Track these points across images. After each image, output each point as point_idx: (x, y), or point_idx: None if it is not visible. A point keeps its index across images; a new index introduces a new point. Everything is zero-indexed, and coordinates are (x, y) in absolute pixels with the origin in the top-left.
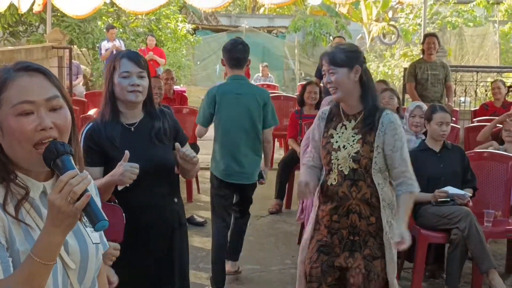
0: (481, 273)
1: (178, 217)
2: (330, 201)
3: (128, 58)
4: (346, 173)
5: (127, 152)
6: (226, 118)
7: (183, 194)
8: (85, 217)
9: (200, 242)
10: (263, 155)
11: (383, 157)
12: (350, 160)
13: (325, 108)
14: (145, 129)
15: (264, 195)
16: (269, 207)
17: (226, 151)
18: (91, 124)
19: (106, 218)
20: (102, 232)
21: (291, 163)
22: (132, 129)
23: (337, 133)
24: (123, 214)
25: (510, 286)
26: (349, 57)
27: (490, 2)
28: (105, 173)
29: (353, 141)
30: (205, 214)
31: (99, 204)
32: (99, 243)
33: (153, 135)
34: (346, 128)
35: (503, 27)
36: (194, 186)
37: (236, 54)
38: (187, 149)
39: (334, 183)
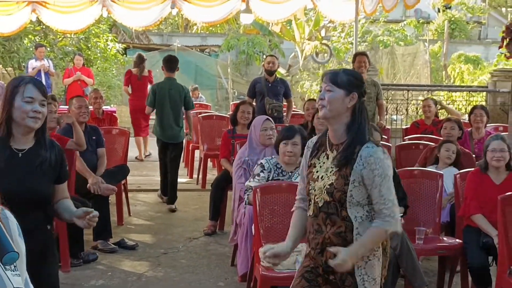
0: None
1: (51, 244)
2: (309, 233)
3: (34, 85)
4: (320, 205)
5: None
6: (162, 104)
7: (113, 217)
8: None
9: (130, 266)
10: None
11: (365, 190)
12: (324, 192)
13: (314, 137)
14: (32, 157)
15: (197, 216)
16: (204, 228)
17: (163, 123)
18: None
19: (16, 250)
20: (27, 279)
21: (224, 183)
22: (20, 155)
23: (319, 163)
24: None
25: None
26: (351, 81)
27: (420, 21)
28: None
29: (331, 172)
30: (136, 238)
31: (10, 235)
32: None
33: (38, 164)
34: (327, 158)
35: (433, 46)
36: (125, 208)
37: (171, 63)
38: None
39: (311, 214)
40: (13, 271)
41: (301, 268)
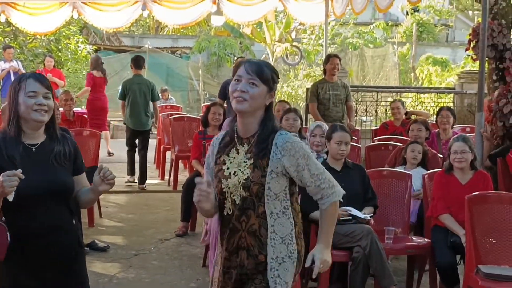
0: None
1: (77, 238)
2: (224, 233)
3: (35, 79)
4: (237, 202)
5: (19, 171)
6: (132, 96)
7: (84, 219)
8: None
9: (102, 268)
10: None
11: (286, 182)
12: (240, 188)
13: (220, 133)
14: (46, 151)
15: (168, 217)
16: (175, 229)
17: (133, 113)
18: None
19: None
20: None
21: (195, 184)
22: (34, 149)
23: (229, 159)
24: (7, 233)
25: None
26: (273, 78)
27: (389, 24)
28: None
29: (244, 166)
30: (107, 239)
31: None
32: None
33: (52, 157)
34: (238, 153)
35: (401, 48)
36: (96, 210)
37: (139, 62)
38: (107, 168)
39: (229, 212)
40: None
41: (216, 283)
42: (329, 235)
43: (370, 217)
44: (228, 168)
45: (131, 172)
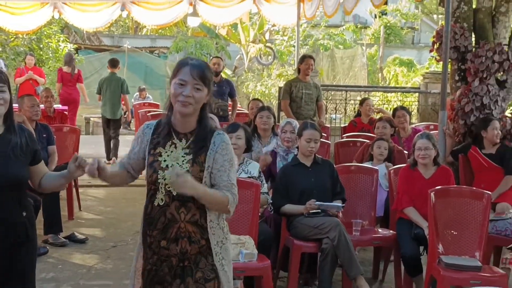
0: (350, 279)
1: (25, 230)
2: (156, 223)
3: None
4: (174, 193)
5: None
6: (107, 91)
7: (64, 212)
8: None
9: (81, 259)
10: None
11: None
12: None
13: (151, 121)
14: (3, 143)
15: None
16: None
17: (107, 104)
18: None
19: None
20: None
21: None
22: None
23: (166, 152)
24: None
25: None
26: (212, 79)
27: (358, 26)
28: None
29: (183, 161)
30: (86, 232)
31: None
32: None
33: (9, 149)
34: (176, 147)
35: (370, 50)
36: (76, 203)
37: (114, 62)
38: (82, 156)
39: (161, 203)
40: None
41: (146, 273)
42: (207, 195)
43: (339, 210)
44: (164, 161)
45: (108, 157)
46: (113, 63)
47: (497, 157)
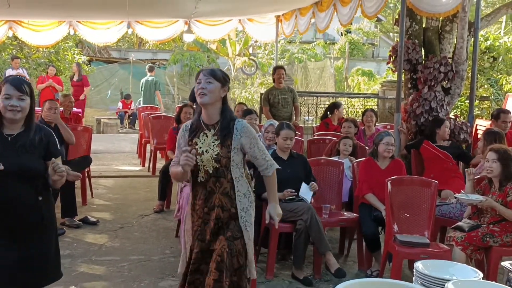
0: (320, 254)
1: (40, 212)
2: (201, 195)
3: (10, 84)
4: (210, 171)
5: None
6: (145, 88)
7: (78, 198)
8: None
9: (93, 238)
10: None
11: (241, 155)
12: (213, 161)
13: (187, 122)
14: (21, 140)
15: (147, 197)
16: (153, 207)
17: (146, 96)
18: None
19: None
20: None
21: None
22: (9, 138)
23: (200, 141)
24: None
25: (342, 263)
26: (225, 78)
27: (327, 42)
28: None
29: (214, 145)
30: (98, 215)
31: None
32: None
33: (24, 144)
34: (207, 136)
35: (337, 62)
36: (88, 191)
37: (151, 68)
38: (58, 163)
39: (202, 180)
40: None
41: (194, 232)
42: (276, 194)
43: (313, 195)
44: (200, 148)
45: None
46: (150, 69)
47: (450, 150)
